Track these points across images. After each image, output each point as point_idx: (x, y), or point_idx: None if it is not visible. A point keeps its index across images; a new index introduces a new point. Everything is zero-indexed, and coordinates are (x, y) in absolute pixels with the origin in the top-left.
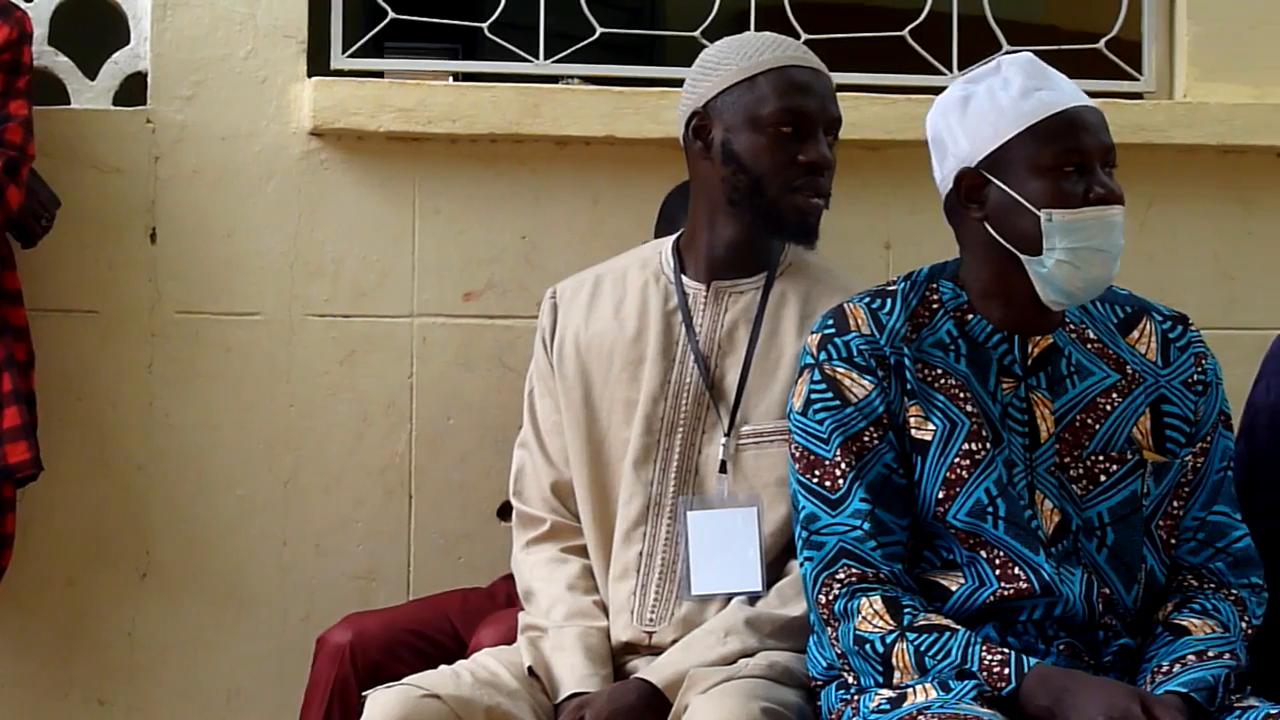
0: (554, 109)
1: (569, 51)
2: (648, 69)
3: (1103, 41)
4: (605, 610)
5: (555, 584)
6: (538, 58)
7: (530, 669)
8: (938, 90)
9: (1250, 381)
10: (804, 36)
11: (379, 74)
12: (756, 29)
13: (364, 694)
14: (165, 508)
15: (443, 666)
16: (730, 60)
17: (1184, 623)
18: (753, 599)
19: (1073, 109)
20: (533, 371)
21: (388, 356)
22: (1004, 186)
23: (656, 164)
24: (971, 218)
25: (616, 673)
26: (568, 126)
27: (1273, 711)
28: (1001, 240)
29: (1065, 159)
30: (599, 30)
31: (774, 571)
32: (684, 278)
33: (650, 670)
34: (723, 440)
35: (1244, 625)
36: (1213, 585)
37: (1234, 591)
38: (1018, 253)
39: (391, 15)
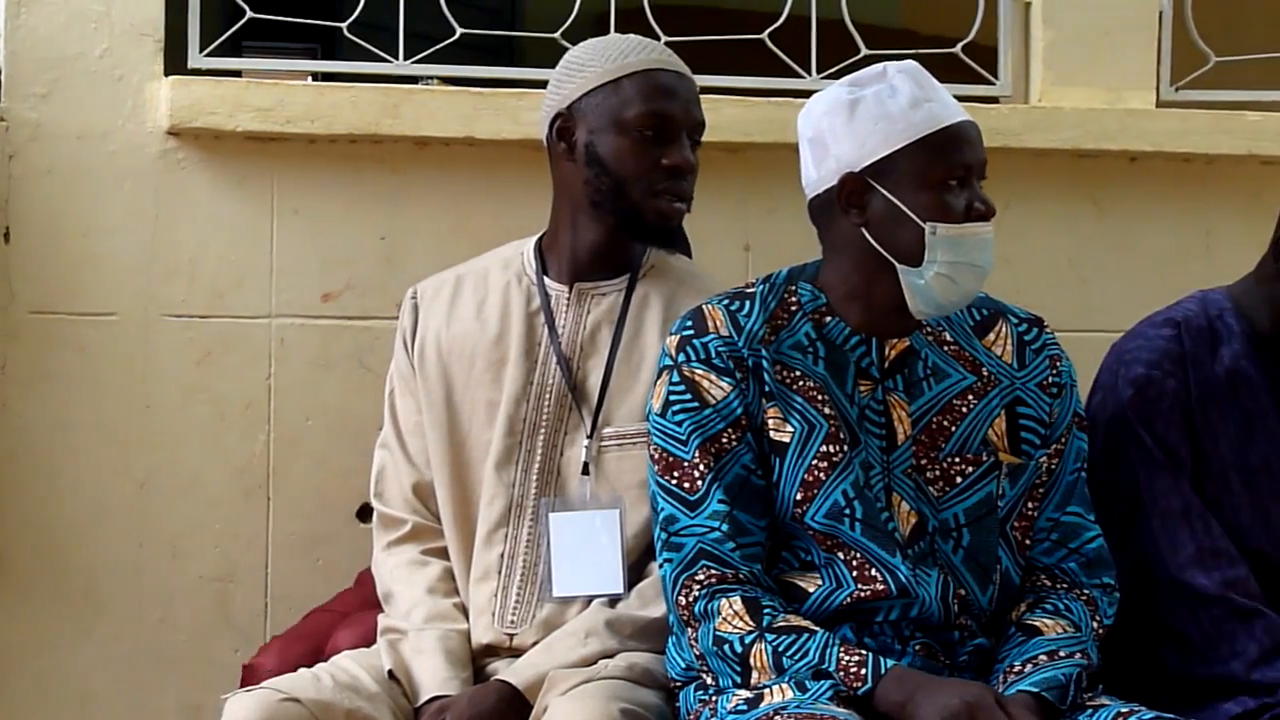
0: (413, 110)
1: (429, 52)
2: (507, 70)
3: (959, 46)
4: (466, 613)
5: (416, 586)
6: (397, 58)
7: (390, 672)
8: (796, 93)
9: None
10: (664, 38)
11: (237, 73)
12: (617, 31)
13: (223, 696)
14: (18, 510)
15: (302, 669)
16: (595, 62)
17: (1036, 623)
18: (613, 601)
19: (958, 124)
20: (393, 372)
21: (245, 357)
22: (889, 196)
23: (516, 165)
24: (849, 222)
25: (477, 675)
26: (427, 127)
27: (1123, 710)
28: (880, 248)
29: (951, 173)
30: (459, 31)
31: (636, 573)
32: (546, 279)
33: (510, 672)
34: (585, 442)
35: (1095, 625)
36: (1065, 585)
37: (1086, 592)
38: (895, 262)
39: (249, 14)
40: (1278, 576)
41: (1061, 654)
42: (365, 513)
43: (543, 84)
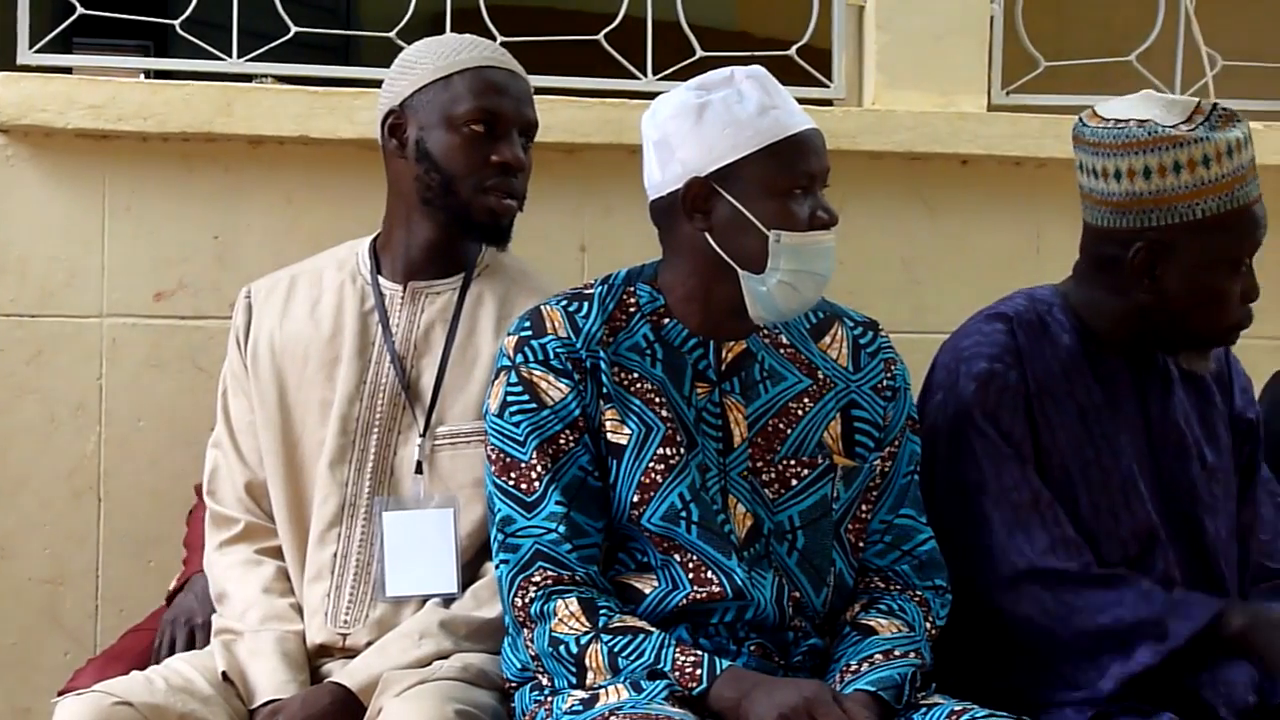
0: (247, 108)
1: (263, 50)
2: (343, 69)
3: (794, 48)
4: (301, 613)
5: (250, 586)
6: (231, 56)
7: (225, 674)
8: (632, 94)
9: None
10: (499, 39)
11: (68, 70)
12: (452, 31)
13: (53, 700)
14: None
15: (135, 672)
16: (427, 59)
17: (871, 623)
18: (448, 601)
19: (804, 132)
20: (226, 371)
21: (76, 357)
22: (735, 202)
23: (351, 164)
24: (693, 226)
25: (311, 676)
26: (261, 126)
27: (957, 709)
28: (723, 254)
29: (796, 181)
30: (293, 29)
31: (470, 573)
32: (380, 278)
33: (344, 674)
34: (419, 441)
35: (928, 625)
36: (899, 587)
37: (919, 593)
38: (738, 268)
39: (80, 10)
40: (1116, 565)
41: (896, 653)
42: (194, 510)
43: (379, 83)
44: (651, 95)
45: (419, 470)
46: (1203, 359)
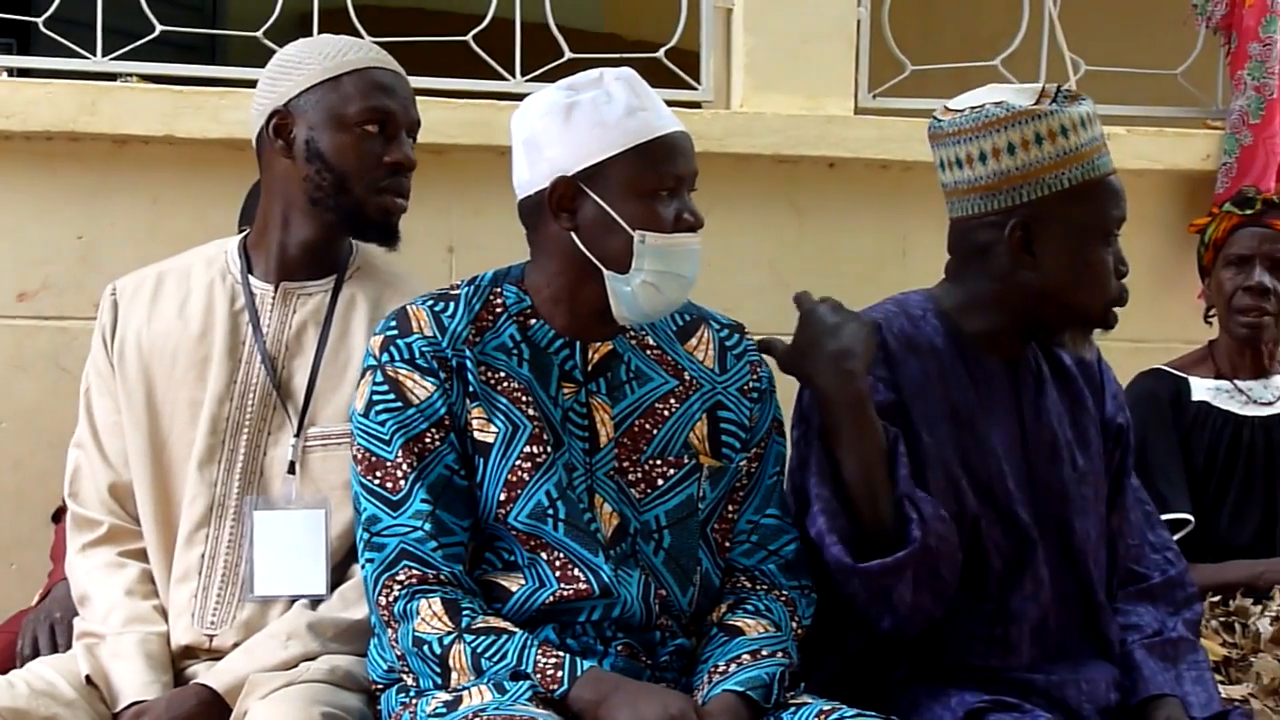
0: (112, 107)
1: (128, 49)
2: (209, 68)
3: (662, 51)
4: (165, 615)
5: (113, 589)
6: (95, 54)
7: (88, 677)
8: (501, 95)
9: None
10: (368, 39)
11: None
12: (320, 31)
13: None
14: None
15: None
16: (313, 60)
17: (738, 623)
18: (315, 602)
19: (672, 133)
20: (89, 370)
21: None
22: (600, 202)
23: (217, 164)
24: (559, 226)
25: (177, 678)
26: (127, 125)
27: (825, 708)
28: (588, 254)
29: (662, 183)
30: (159, 28)
31: (340, 574)
32: (251, 278)
33: (210, 675)
34: (291, 441)
35: (795, 625)
36: (765, 587)
37: (785, 593)
38: (603, 268)
39: None
40: (991, 564)
41: (764, 653)
42: (61, 515)
43: (246, 83)
44: (520, 96)
45: (291, 471)
46: (1087, 341)
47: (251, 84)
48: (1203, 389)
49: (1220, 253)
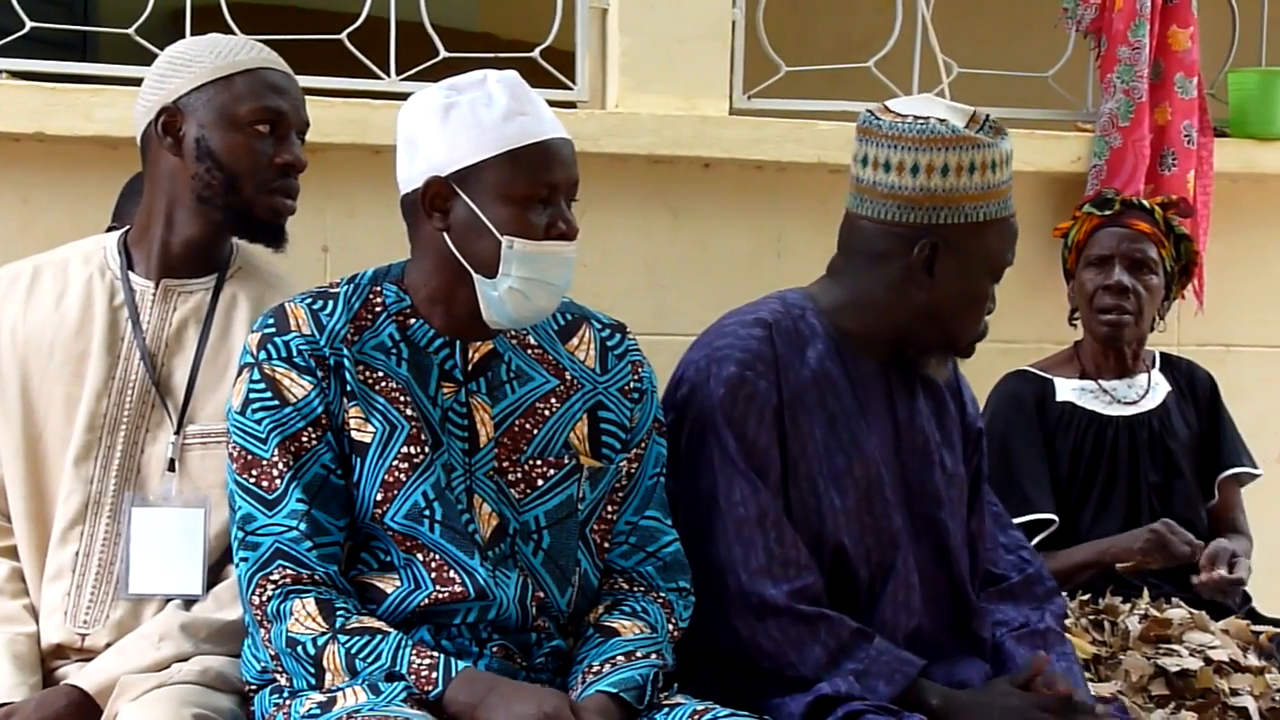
0: None
1: None
2: (81, 65)
3: (537, 50)
4: (35, 615)
5: None
6: None
7: None
8: (375, 94)
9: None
10: (241, 37)
11: None
12: (193, 29)
13: None
14: None
15: None
16: (204, 58)
17: (614, 624)
18: (189, 603)
19: (551, 140)
20: None
21: None
22: (471, 204)
23: (90, 162)
24: (432, 226)
25: (47, 678)
26: None
27: (698, 708)
28: (458, 255)
29: (535, 190)
30: (29, 24)
31: (218, 574)
32: (132, 274)
33: (81, 676)
34: (171, 439)
35: (671, 627)
36: (642, 588)
37: (662, 595)
38: (472, 271)
39: None
40: (858, 576)
41: (639, 655)
42: None
43: (119, 80)
44: (395, 95)
45: (171, 469)
46: (944, 365)
47: (124, 81)
48: (1067, 389)
49: (1082, 254)
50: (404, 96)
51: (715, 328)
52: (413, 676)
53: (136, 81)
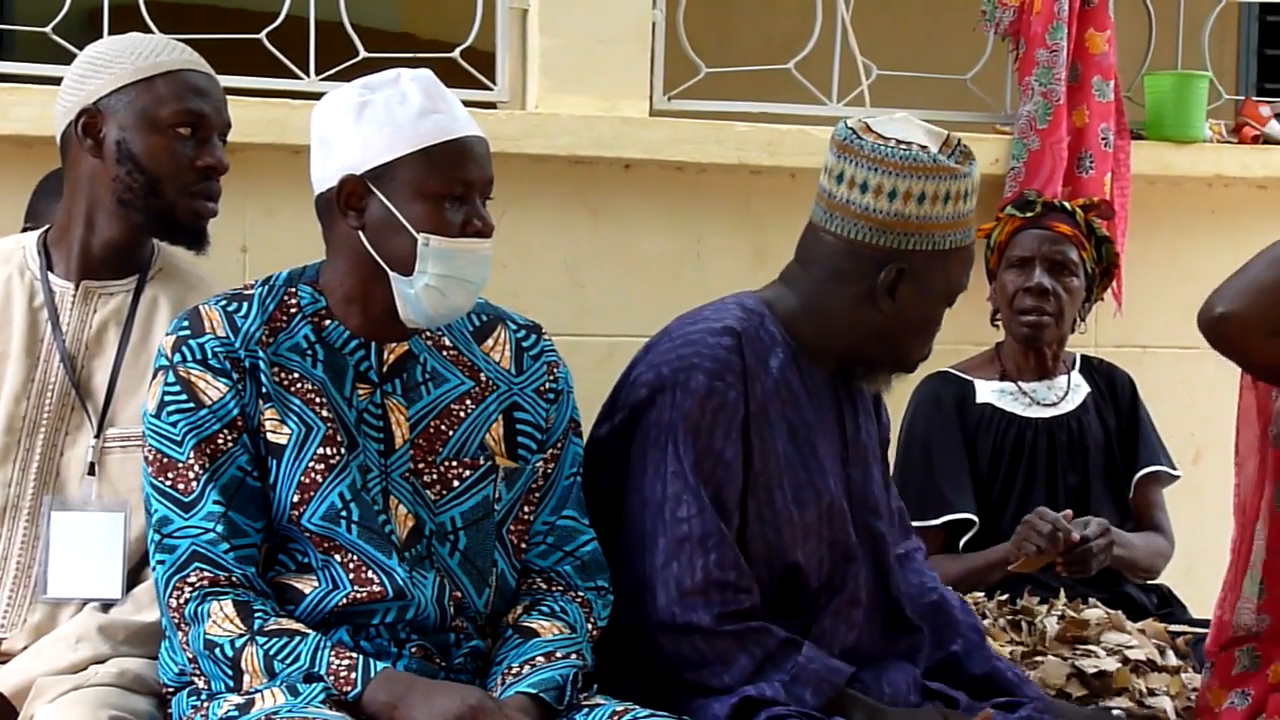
0: None
1: None
2: None
3: (458, 51)
4: None
5: None
6: None
7: None
8: (294, 94)
9: (604, 387)
10: (161, 37)
11: None
12: (111, 28)
13: None
14: None
15: None
16: (125, 59)
17: (533, 625)
18: (109, 605)
19: (465, 138)
20: None
21: None
22: (386, 202)
23: (5, 162)
24: (347, 225)
25: None
26: None
27: (618, 709)
28: (374, 254)
29: (450, 188)
30: None
31: (138, 577)
32: (51, 275)
33: None
34: (90, 442)
35: (590, 627)
36: (561, 588)
37: (581, 594)
38: (388, 269)
39: None
40: (808, 587)
41: (558, 655)
42: None
43: (35, 79)
44: (314, 95)
45: (91, 472)
46: (889, 382)
47: (40, 80)
48: (988, 391)
49: (1003, 255)
50: (323, 96)
51: (680, 334)
52: (331, 677)
53: (53, 80)
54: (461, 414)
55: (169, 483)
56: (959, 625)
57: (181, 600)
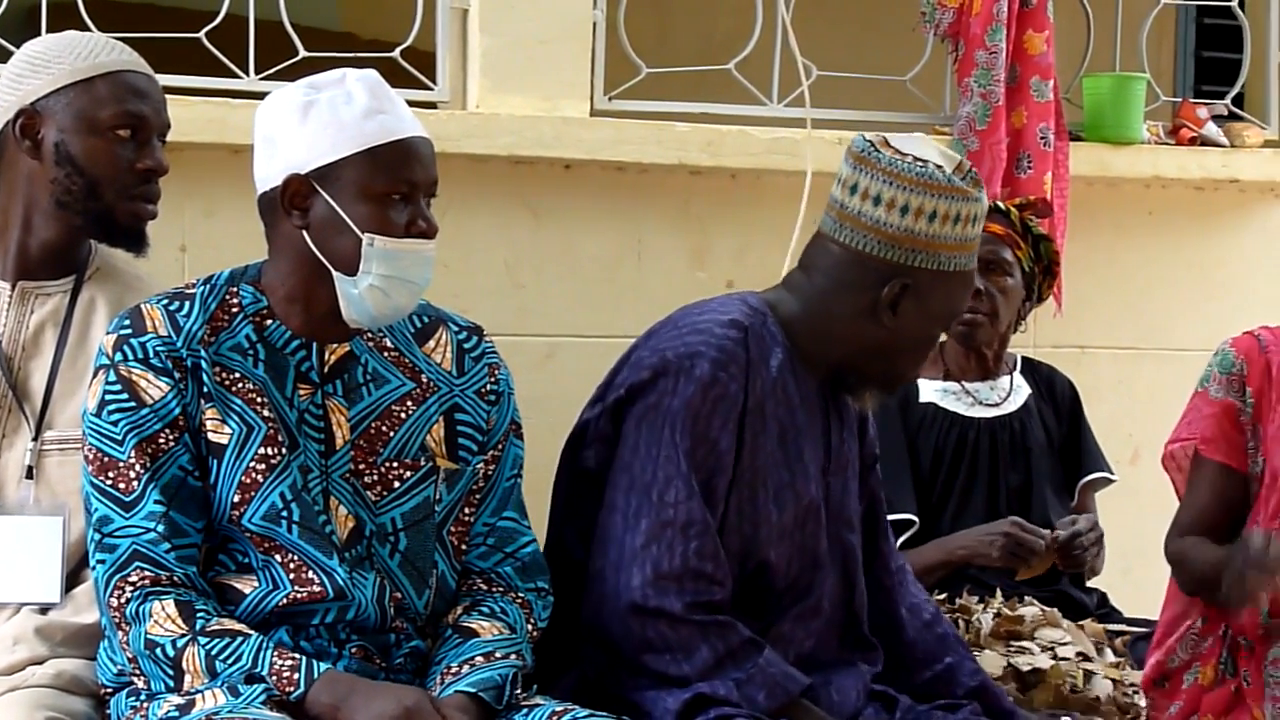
0: None
1: None
2: None
3: (398, 51)
4: None
5: None
6: None
7: None
8: (234, 93)
9: (545, 387)
10: (100, 37)
11: None
12: (49, 26)
13: None
14: None
15: None
16: (64, 59)
17: (473, 625)
18: (47, 608)
19: (411, 138)
20: None
21: None
22: (331, 202)
23: None
24: (291, 224)
25: None
26: None
27: (557, 709)
28: (318, 254)
29: (396, 188)
30: None
31: (75, 580)
32: None
33: None
34: (28, 445)
35: (530, 628)
36: (501, 589)
37: (521, 595)
38: (332, 269)
39: None
40: (773, 588)
41: (498, 655)
42: None
43: None
44: (254, 95)
45: (29, 475)
46: (877, 399)
47: None
48: (931, 390)
49: None
50: (263, 96)
51: (687, 323)
52: (274, 678)
53: None
54: (402, 415)
55: (110, 482)
56: (949, 638)
57: (122, 600)
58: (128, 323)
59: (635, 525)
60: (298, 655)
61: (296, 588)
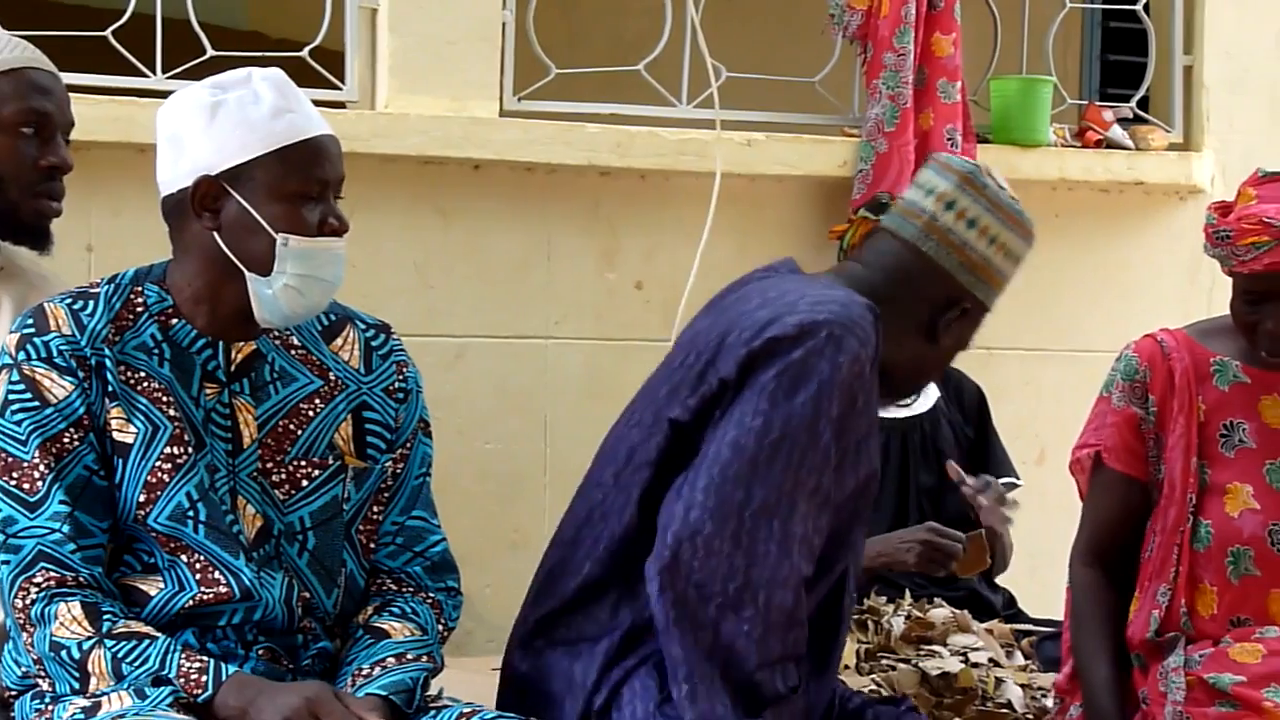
0: None
1: None
2: None
3: (306, 50)
4: None
5: None
6: None
7: None
8: (141, 92)
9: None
10: (2, 34)
11: None
12: None
13: None
14: None
15: None
16: None
17: (384, 626)
18: None
19: (319, 137)
20: None
21: None
22: (244, 203)
23: None
24: (202, 225)
25: None
26: None
27: (466, 710)
28: (231, 255)
29: (308, 187)
30: None
31: None
32: None
33: None
34: None
35: (441, 628)
36: (411, 589)
37: (431, 595)
38: (245, 270)
39: None
40: (843, 603)
41: (409, 657)
42: None
43: None
44: (161, 94)
45: None
46: (885, 405)
47: None
48: None
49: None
50: (170, 95)
51: (824, 295)
52: (181, 680)
53: None
54: (310, 413)
55: (14, 482)
56: None
57: (28, 601)
58: (31, 322)
59: (766, 476)
60: (205, 658)
61: (203, 589)
